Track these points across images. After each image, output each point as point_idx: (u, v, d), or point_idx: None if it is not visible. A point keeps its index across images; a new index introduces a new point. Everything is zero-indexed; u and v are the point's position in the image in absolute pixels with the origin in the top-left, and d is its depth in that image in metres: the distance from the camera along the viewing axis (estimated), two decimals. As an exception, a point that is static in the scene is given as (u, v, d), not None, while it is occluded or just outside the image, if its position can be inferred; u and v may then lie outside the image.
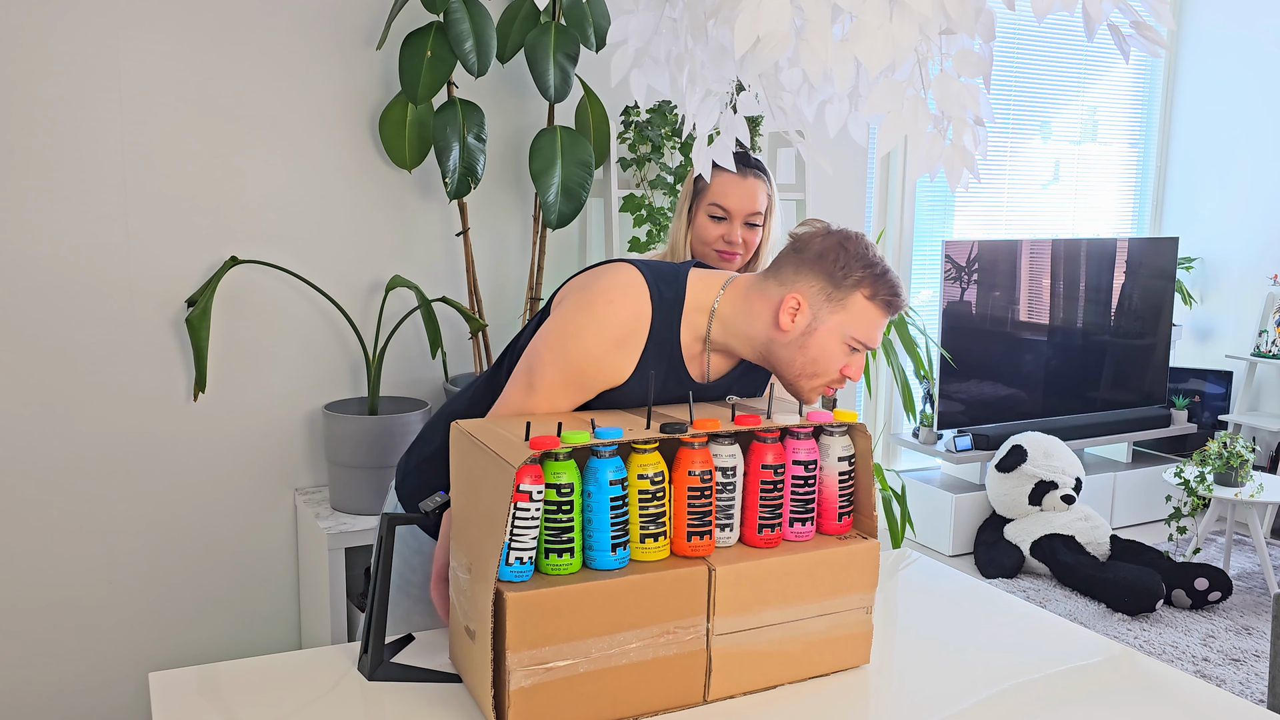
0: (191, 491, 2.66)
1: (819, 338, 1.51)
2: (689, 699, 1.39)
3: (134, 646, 2.63)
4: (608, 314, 1.51)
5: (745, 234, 1.93)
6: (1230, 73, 4.79)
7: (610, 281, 1.53)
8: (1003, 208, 4.78)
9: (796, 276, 1.52)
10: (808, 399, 1.57)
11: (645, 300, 1.52)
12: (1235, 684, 3.12)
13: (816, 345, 1.51)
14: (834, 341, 1.52)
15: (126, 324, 2.53)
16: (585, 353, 1.51)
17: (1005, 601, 1.82)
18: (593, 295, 1.53)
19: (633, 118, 2.89)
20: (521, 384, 1.56)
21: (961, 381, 4.28)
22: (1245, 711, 1.44)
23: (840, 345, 1.52)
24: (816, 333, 1.51)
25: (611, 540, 1.35)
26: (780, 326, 1.51)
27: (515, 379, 1.58)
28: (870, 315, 1.52)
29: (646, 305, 1.52)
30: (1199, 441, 4.59)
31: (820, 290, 1.51)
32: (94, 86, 2.43)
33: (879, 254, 1.54)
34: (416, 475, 1.78)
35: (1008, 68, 4.59)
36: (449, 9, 2.55)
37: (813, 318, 1.51)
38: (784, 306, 1.51)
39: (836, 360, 1.53)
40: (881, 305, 1.52)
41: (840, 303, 1.51)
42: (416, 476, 1.78)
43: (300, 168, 2.68)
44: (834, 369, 1.54)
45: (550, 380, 1.53)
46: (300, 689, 1.45)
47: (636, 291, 1.52)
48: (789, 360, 1.54)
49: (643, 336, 1.52)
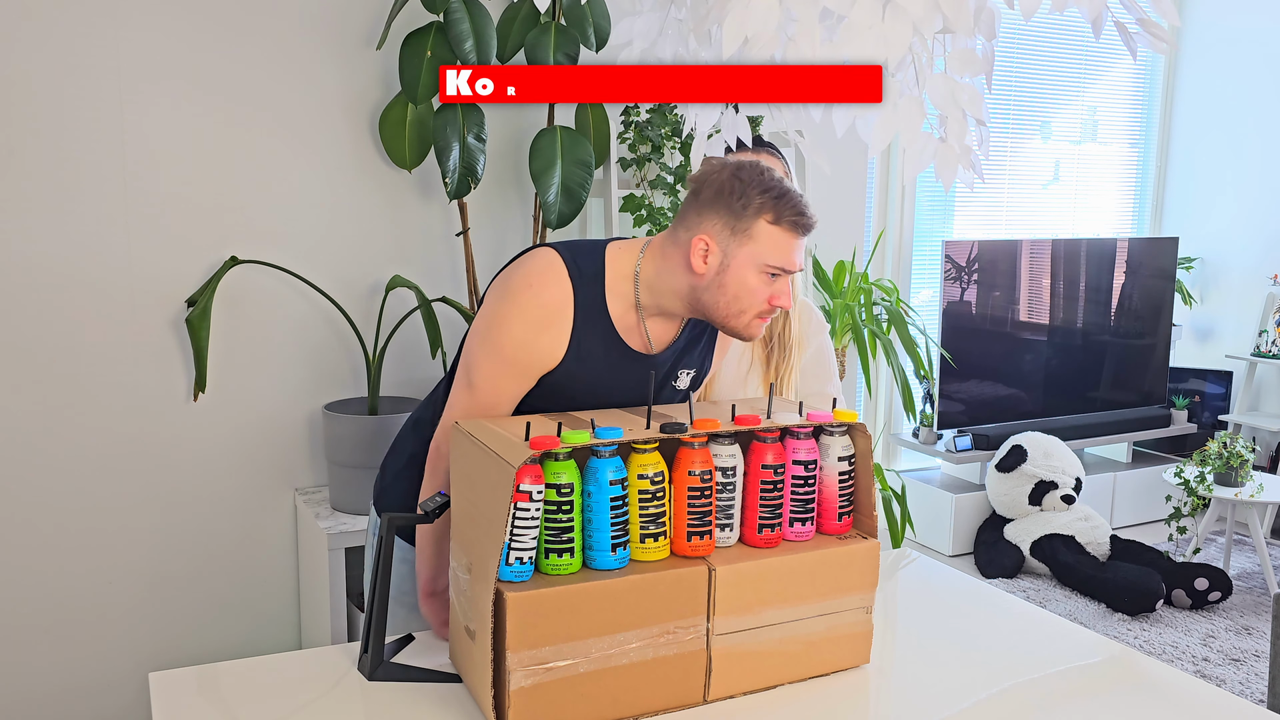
0: (191, 491, 2.65)
1: (734, 273, 1.51)
2: (689, 699, 1.39)
3: (134, 647, 2.63)
4: (528, 298, 1.52)
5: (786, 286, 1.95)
6: (1230, 72, 4.79)
7: (529, 267, 1.54)
8: (1003, 208, 4.78)
9: (700, 218, 1.52)
10: (748, 334, 1.57)
11: (565, 279, 1.52)
12: (1235, 684, 3.12)
13: (734, 281, 1.51)
14: (750, 273, 1.51)
15: (126, 324, 2.53)
16: (513, 339, 1.52)
17: (1005, 601, 1.82)
18: (513, 283, 1.54)
19: (633, 118, 2.89)
20: (461, 383, 1.58)
21: (961, 381, 4.28)
22: (1245, 711, 1.44)
23: (758, 276, 1.51)
24: (730, 268, 1.51)
25: (611, 540, 1.35)
26: (695, 271, 1.51)
27: (456, 380, 1.59)
28: (778, 239, 1.51)
29: (567, 284, 1.52)
30: (1199, 441, 4.59)
31: (724, 226, 1.50)
32: (94, 86, 2.43)
33: (777, 177, 1.52)
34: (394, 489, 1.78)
35: (1008, 68, 4.60)
36: (449, 9, 2.55)
37: (723, 255, 1.50)
38: (693, 250, 1.51)
39: (758, 291, 1.52)
40: (788, 227, 1.50)
41: (745, 233, 1.50)
42: (394, 491, 1.78)
43: (300, 168, 2.68)
44: (759, 300, 1.53)
45: (486, 373, 1.54)
46: (300, 689, 1.45)
47: (555, 273, 1.52)
48: (714, 303, 1.54)
49: (568, 315, 1.52)
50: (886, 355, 3.27)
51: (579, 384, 1.57)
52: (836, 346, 3.30)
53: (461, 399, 1.57)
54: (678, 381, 1.68)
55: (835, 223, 3.59)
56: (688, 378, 1.69)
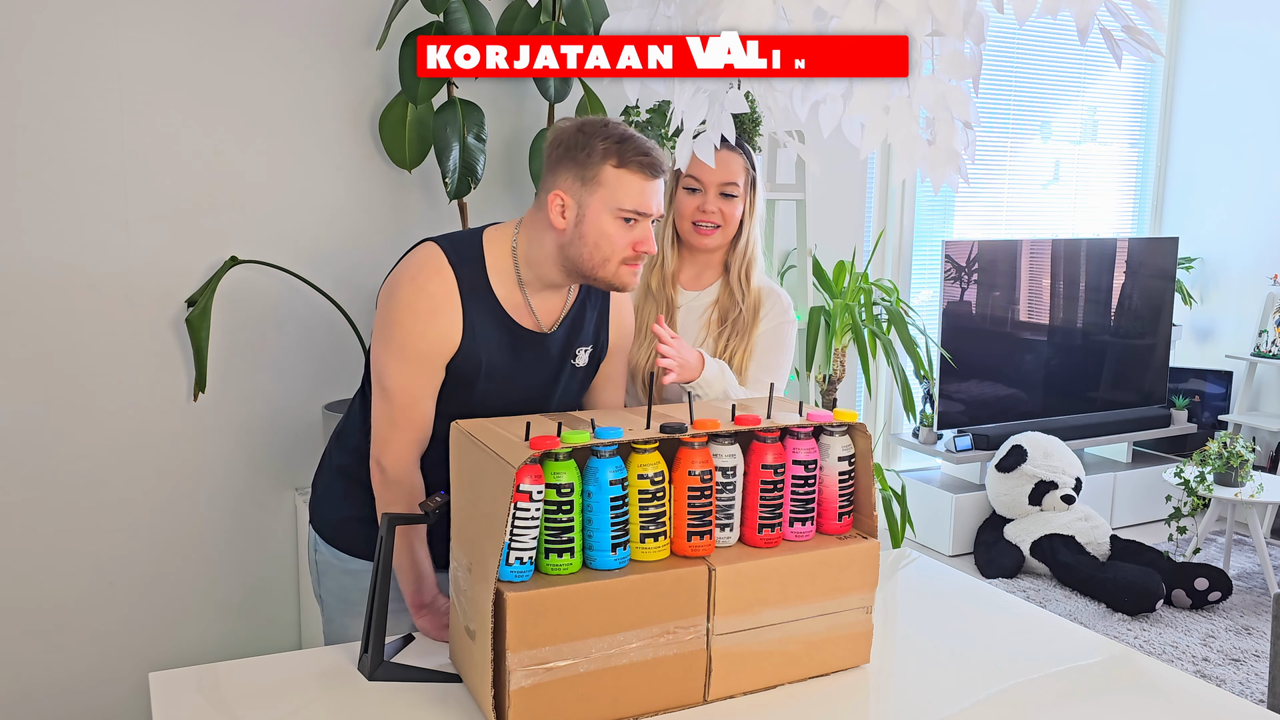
0: (191, 491, 2.65)
1: (590, 222, 1.55)
2: (689, 699, 1.39)
3: (134, 646, 2.63)
4: (413, 291, 1.56)
5: (721, 205, 1.91)
6: (1230, 72, 4.79)
7: (409, 263, 1.59)
8: (1003, 208, 4.78)
9: (554, 177, 1.57)
10: (619, 282, 1.60)
11: (445, 267, 1.56)
12: (1235, 684, 3.12)
13: (592, 229, 1.55)
14: (605, 220, 1.55)
15: (126, 324, 2.53)
16: (408, 333, 1.56)
17: (1005, 601, 1.82)
18: (396, 281, 1.59)
19: (633, 118, 2.89)
20: (377, 393, 1.61)
21: (961, 381, 4.28)
22: (1245, 711, 1.44)
23: (613, 222, 1.55)
24: (586, 218, 1.55)
25: (611, 540, 1.35)
26: (556, 227, 1.56)
27: (372, 392, 1.63)
28: (628, 182, 1.54)
29: (448, 271, 1.56)
30: (1199, 441, 4.59)
31: (575, 178, 1.55)
32: (94, 87, 2.43)
33: (620, 124, 1.57)
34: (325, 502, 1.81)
35: (1008, 68, 4.59)
36: (449, 9, 2.55)
37: (578, 206, 1.55)
38: (551, 208, 1.56)
39: (617, 238, 1.56)
40: (636, 169, 1.54)
41: (594, 181, 1.54)
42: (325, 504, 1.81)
43: (300, 168, 2.68)
44: (620, 246, 1.56)
45: (395, 374, 1.58)
46: (300, 689, 1.45)
47: (436, 263, 1.57)
48: (579, 255, 1.58)
49: (455, 300, 1.56)
50: (886, 355, 3.27)
51: (483, 370, 1.60)
52: (836, 346, 3.30)
53: (381, 408, 1.61)
54: (576, 359, 1.71)
55: (835, 223, 3.59)
56: (585, 354, 1.72)
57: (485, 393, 1.64)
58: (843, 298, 3.28)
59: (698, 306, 1.97)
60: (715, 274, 1.99)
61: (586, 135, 1.55)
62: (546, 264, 1.61)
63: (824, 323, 3.26)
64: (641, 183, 1.55)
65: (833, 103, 1.45)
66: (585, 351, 1.72)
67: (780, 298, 1.99)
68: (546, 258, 1.60)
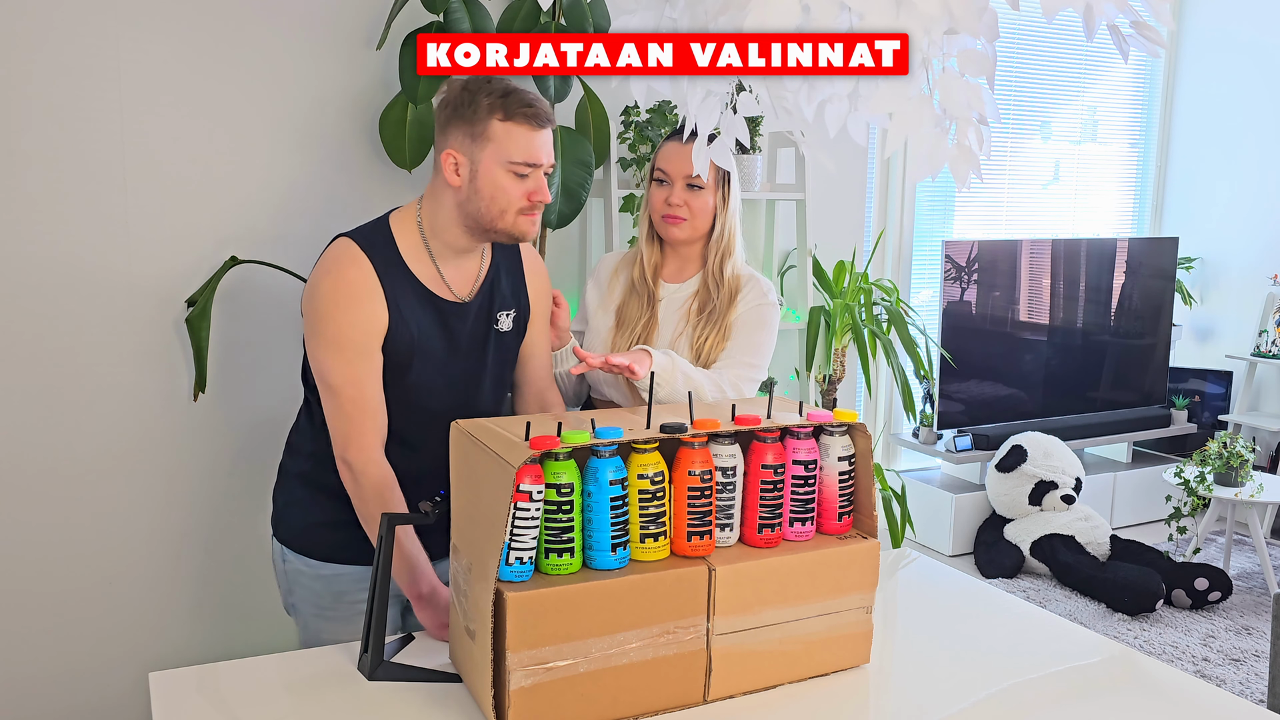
0: (191, 491, 2.65)
1: (483, 176, 1.61)
2: (689, 699, 1.39)
3: (134, 646, 2.63)
4: (332, 284, 1.61)
5: (687, 197, 1.93)
6: (1230, 72, 4.79)
7: (323, 261, 1.65)
8: (1003, 208, 4.78)
9: (445, 137, 1.63)
10: (519, 231, 1.66)
11: (359, 255, 1.62)
12: (1235, 684, 3.12)
13: (485, 183, 1.61)
14: (497, 173, 1.61)
15: (126, 324, 2.53)
16: (338, 325, 1.61)
17: (1005, 601, 1.82)
18: (316, 280, 1.64)
19: (633, 118, 2.89)
20: (325, 393, 1.64)
21: (961, 381, 4.28)
22: (1245, 711, 1.44)
23: (505, 174, 1.61)
24: (479, 173, 1.61)
25: (611, 540, 1.35)
26: (452, 185, 1.63)
27: (321, 395, 1.66)
28: (515, 134, 1.60)
29: (362, 257, 1.62)
30: (1199, 441, 4.59)
31: (464, 135, 1.61)
32: (94, 87, 2.43)
33: (504, 80, 1.62)
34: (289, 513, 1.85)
35: (1008, 68, 4.59)
36: (449, 9, 2.55)
37: (470, 162, 1.61)
38: (445, 167, 1.62)
39: (510, 189, 1.61)
40: (521, 120, 1.59)
41: (483, 136, 1.60)
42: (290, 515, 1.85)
43: (300, 168, 2.68)
44: (514, 197, 1.62)
45: (336, 369, 1.61)
46: (300, 689, 1.45)
47: (349, 254, 1.63)
48: (476, 210, 1.64)
49: (375, 284, 1.61)
50: (886, 355, 3.27)
51: (416, 348, 1.65)
52: (836, 346, 3.30)
53: (332, 407, 1.64)
54: (500, 324, 1.76)
55: (835, 223, 3.59)
56: (509, 319, 1.78)
57: (421, 372, 1.68)
58: (843, 298, 3.28)
59: (679, 298, 1.99)
60: (696, 267, 2.01)
61: (471, 93, 1.60)
62: (451, 227, 1.66)
63: (824, 323, 3.26)
64: (528, 134, 1.60)
65: (839, 102, 1.44)
66: (508, 316, 1.77)
67: (758, 283, 2.00)
68: (449, 220, 1.66)
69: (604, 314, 2.03)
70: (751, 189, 3.03)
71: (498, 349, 1.78)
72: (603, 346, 1.99)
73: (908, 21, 1.23)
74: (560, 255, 3.04)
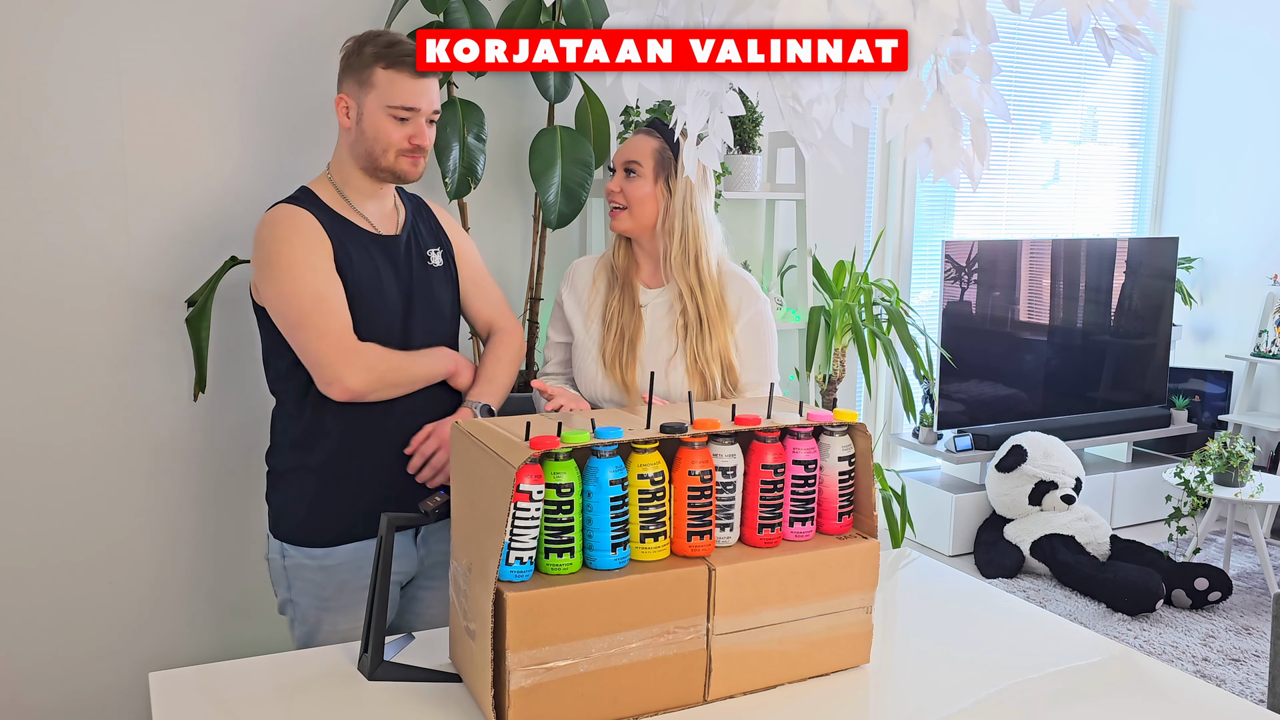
0: (192, 491, 2.65)
1: (368, 119, 1.76)
2: (689, 699, 1.39)
3: (134, 647, 2.63)
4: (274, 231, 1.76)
5: (624, 184, 1.92)
6: (1230, 72, 4.79)
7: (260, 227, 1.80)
8: (1003, 208, 4.78)
9: (340, 85, 1.80)
10: (401, 171, 1.79)
11: (290, 207, 1.78)
12: (1235, 684, 3.12)
13: (370, 125, 1.76)
14: (379, 116, 1.75)
15: (126, 324, 2.53)
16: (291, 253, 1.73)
17: (1005, 601, 1.82)
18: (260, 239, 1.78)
19: (633, 117, 2.89)
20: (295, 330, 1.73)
21: (961, 381, 4.28)
22: (1245, 711, 1.44)
23: (385, 118, 1.75)
24: (365, 116, 1.76)
25: (611, 540, 1.35)
26: (344, 128, 1.79)
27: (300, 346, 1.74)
28: (395, 80, 1.74)
29: (292, 207, 1.78)
30: (1199, 441, 4.59)
31: (353, 81, 1.77)
32: (94, 87, 2.43)
33: (392, 33, 1.79)
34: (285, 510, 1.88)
35: (1008, 68, 4.60)
36: (449, 9, 2.55)
37: (358, 106, 1.77)
38: (339, 111, 1.79)
39: (391, 131, 1.76)
40: (401, 68, 1.73)
41: (368, 83, 1.75)
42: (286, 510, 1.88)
43: (300, 168, 2.68)
44: (395, 139, 1.76)
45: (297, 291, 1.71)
46: (300, 689, 1.45)
47: (282, 210, 1.79)
48: (367, 151, 1.78)
49: (314, 221, 1.76)
50: (886, 355, 3.27)
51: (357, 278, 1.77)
52: (836, 346, 3.30)
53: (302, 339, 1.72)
54: (431, 260, 1.90)
55: (835, 223, 3.59)
56: (438, 255, 1.92)
57: (371, 305, 1.77)
58: (843, 298, 3.28)
59: (661, 304, 1.94)
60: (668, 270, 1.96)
61: (360, 44, 1.77)
62: (352, 170, 1.82)
63: (824, 323, 3.26)
64: (407, 81, 1.73)
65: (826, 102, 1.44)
66: (437, 253, 1.91)
67: (745, 284, 1.95)
68: (349, 164, 1.81)
69: (588, 320, 1.97)
70: (751, 189, 3.03)
71: (439, 283, 1.90)
72: (594, 352, 1.94)
73: (925, 22, 1.22)
74: (560, 255, 3.04)
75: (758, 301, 1.95)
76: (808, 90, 1.43)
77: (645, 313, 1.94)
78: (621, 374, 1.88)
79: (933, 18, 1.22)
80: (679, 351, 1.90)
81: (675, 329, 1.91)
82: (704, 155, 1.56)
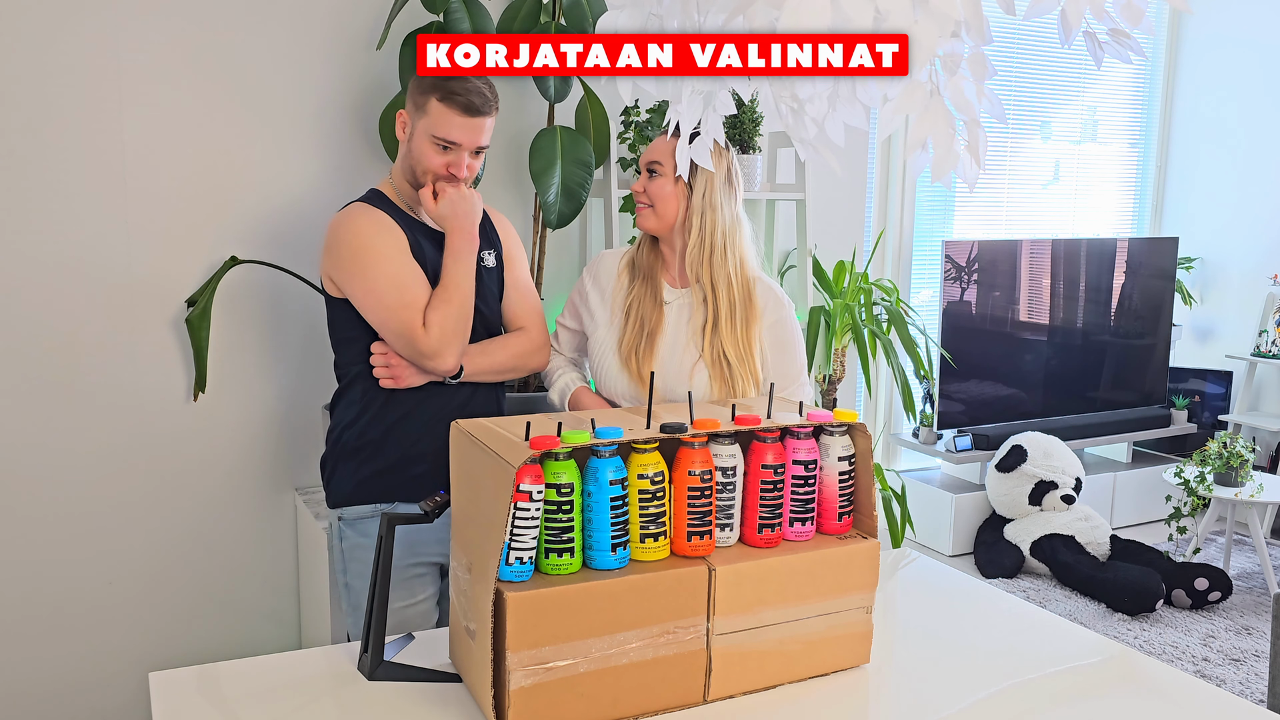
0: (191, 491, 2.65)
1: (415, 140, 1.88)
2: (689, 699, 1.39)
3: (134, 646, 2.63)
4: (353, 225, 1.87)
5: (647, 183, 1.95)
6: (1230, 72, 4.79)
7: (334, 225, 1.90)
8: (1003, 208, 4.78)
9: (408, 101, 1.91)
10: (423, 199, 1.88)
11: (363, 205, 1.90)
12: (1235, 684, 3.12)
13: (416, 146, 1.88)
14: (423, 141, 1.86)
15: (126, 324, 2.53)
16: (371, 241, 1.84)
17: (1005, 601, 1.82)
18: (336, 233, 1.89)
19: (633, 118, 2.89)
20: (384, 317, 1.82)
21: (961, 381, 4.28)
22: (1245, 711, 1.44)
23: (429, 144, 1.86)
24: (414, 137, 1.88)
25: (611, 540, 1.35)
26: (400, 139, 1.92)
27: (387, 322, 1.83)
28: (445, 115, 1.84)
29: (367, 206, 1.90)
30: (1199, 441, 4.59)
31: (413, 104, 1.88)
32: (94, 86, 2.43)
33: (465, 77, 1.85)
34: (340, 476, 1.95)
35: (1008, 68, 4.60)
36: (449, 9, 2.55)
37: (411, 126, 1.89)
38: (398, 123, 1.92)
39: (430, 158, 1.86)
40: (452, 104, 1.83)
41: (423, 109, 1.86)
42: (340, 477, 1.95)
43: (300, 167, 2.68)
44: (431, 165, 1.87)
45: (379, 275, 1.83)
46: (300, 689, 1.45)
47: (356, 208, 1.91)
48: (411, 166, 1.90)
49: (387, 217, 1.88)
50: (886, 355, 3.27)
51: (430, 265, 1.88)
52: (836, 346, 3.30)
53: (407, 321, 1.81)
54: (485, 261, 1.98)
55: (835, 223, 3.59)
56: (492, 256, 2.00)
57: None
58: (843, 298, 3.28)
59: (685, 305, 1.95)
60: None
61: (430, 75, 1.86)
62: (400, 180, 1.94)
63: (824, 323, 3.26)
64: (455, 117, 1.83)
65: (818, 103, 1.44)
66: (490, 255, 2.00)
67: (770, 289, 1.97)
68: (405, 172, 1.92)
69: (613, 312, 1.98)
70: (751, 189, 3.03)
71: (489, 283, 1.98)
72: (614, 344, 1.95)
73: (927, 23, 1.22)
74: (560, 255, 3.04)
75: (783, 307, 1.96)
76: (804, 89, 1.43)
77: (668, 310, 1.95)
78: (638, 366, 1.88)
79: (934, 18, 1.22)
80: (702, 355, 1.90)
81: (699, 331, 1.92)
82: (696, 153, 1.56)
